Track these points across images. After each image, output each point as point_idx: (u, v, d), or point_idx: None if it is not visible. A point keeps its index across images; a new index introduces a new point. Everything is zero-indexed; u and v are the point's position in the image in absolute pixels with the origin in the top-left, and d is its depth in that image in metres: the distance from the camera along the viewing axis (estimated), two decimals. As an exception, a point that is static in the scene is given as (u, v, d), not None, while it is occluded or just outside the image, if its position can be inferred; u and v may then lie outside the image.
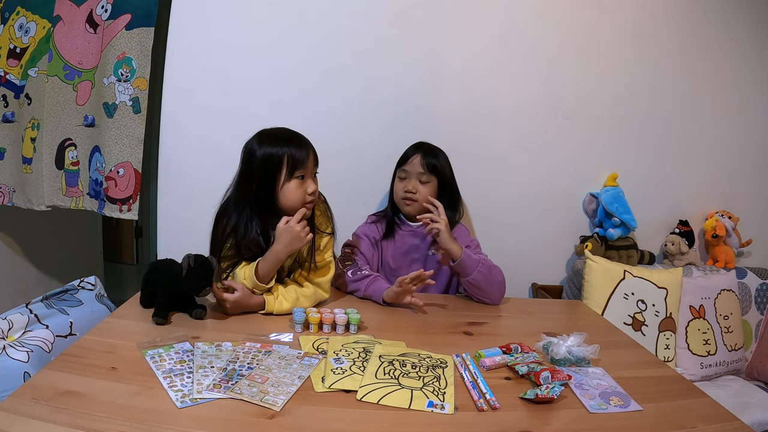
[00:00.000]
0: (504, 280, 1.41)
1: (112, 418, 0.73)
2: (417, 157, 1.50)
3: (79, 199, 1.83)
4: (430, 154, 1.51)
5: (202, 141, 1.79)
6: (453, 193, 1.56)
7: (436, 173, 1.50)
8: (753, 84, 2.02)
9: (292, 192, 1.21)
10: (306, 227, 1.20)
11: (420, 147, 1.53)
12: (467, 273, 1.36)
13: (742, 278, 1.94)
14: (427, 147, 1.54)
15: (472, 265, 1.36)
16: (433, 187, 1.50)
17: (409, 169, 1.50)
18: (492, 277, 1.38)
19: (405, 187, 1.49)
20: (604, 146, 1.96)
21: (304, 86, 1.81)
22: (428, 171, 1.48)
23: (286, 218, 1.19)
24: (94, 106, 1.75)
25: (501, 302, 1.42)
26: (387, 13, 1.80)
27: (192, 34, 1.76)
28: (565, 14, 1.87)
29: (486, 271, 1.37)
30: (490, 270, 1.38)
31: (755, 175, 2.08)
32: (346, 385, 0.88)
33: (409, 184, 1.49)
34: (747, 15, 1.98)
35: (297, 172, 1.20)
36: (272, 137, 1.22)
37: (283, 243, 1.18)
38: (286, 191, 1.20)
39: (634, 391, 0.92)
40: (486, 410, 0.84)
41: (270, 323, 1.15)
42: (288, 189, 1.20)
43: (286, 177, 1.20)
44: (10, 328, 1.12)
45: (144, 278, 1.18)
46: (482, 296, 1.39)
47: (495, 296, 1.39)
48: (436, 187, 1.51)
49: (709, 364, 1.74)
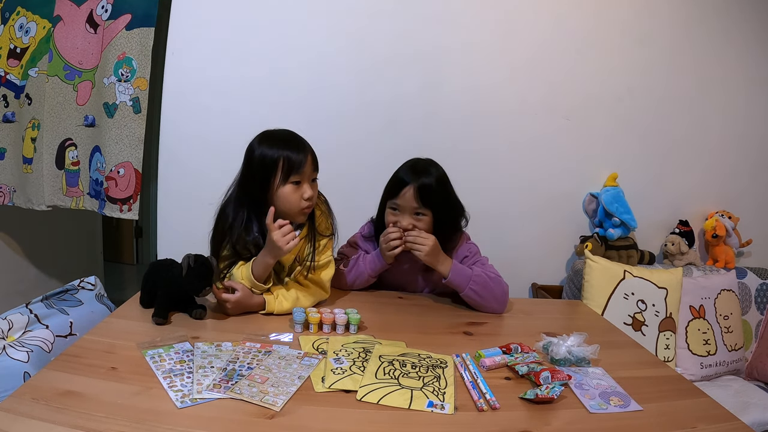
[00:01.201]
0: (505, 291, 1.33)
1: (112, 418, 0.73)
2: (410, 189, 1.31)
3: (80, 199, 1.83)
4: (424, 188, 1.31)
5: (202, 141, 1.79)
6: (454, 212, 1.42)
7: (432, 207, 1.34)
8: (753, 84, 2.02)
9: (287, 196, 1.18)
10: (288, 235, 1.14)
11: (414, 175, 1.32)
12: (459, 290, 1.32)
13: (742, 278, 1.94)
14: (422, 176, 1.32)
15: (463, 283, 1.30)
16: (429, 221, 1.35)
17: (402, 203, 1.33)
18: (487, 291, 1.31)
19: (400, 224, 1.34)
20: (604, 146, 1.97)
21: (304, 86, 1.81)
22: (423, 206, 1.32)
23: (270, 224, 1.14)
24: (95, 106, 1.75)
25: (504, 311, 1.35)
26: (387, 13, 1.80)
27: (192, 34, 1.76)
28: (565, 14, 1.87)
29: (478, 287, 1.30)
30: (484, 284, 1.31)
31: (755, 175, 2.08)
32: (346, 385, 0.88)
33: (404, 221, 1.33)
34: (747, 15, 1.98)
35: (292, 176, 1.17)
36: (271, 138, 1.21)
37: (268, 248, 1.17)
38: (281, 195, 1.18)
39: (634, 391, 0.92)
40: (486, 410, 0.84)
41: (270, 323, 1.15)
42: (283, 193, 1.18)
43: (281, 181, 1.17)
44: (10, 328, 1.12)
45: (144, 278, 1.18)
46: (479, 309, 1.34)
47: (493, 308, 1.33)
48: (431, 221, 1.35)
49: (709, 364, 1.74)
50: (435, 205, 1.34)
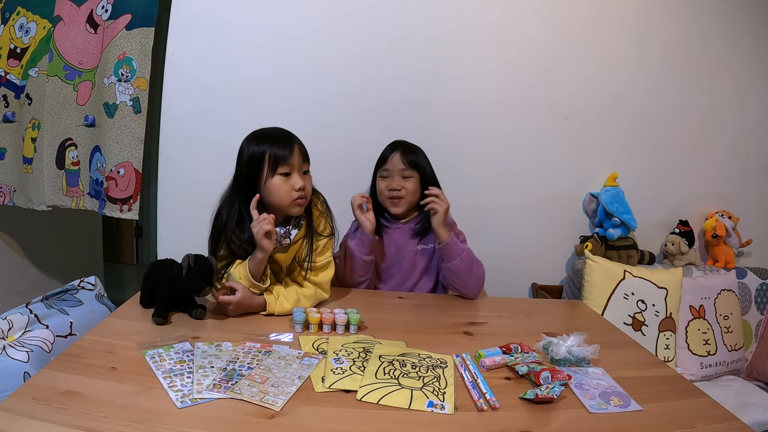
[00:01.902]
0: (483, 275, 1.44)
1: (112, 418, 0.73)
2: (396, 154, 1.50)
3: (80, 199, 1.83)
4: (408, 151, 1.51)
5: (202, 141, 1.79)
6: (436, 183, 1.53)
7: (417, 168, 1.50)
8: (753, 84, 2.02)
9: (277, 188, 1.20)
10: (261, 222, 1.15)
11: (398, 145, 1.53)
12: (451, 258, 1.40)
13: (742, 278, 1.94)
14: (405, 145, 1.54)
15: (457, 252, 1.40)
16: (416, 182, 1.50)
17: (390, 167, 1.50)
18: (472, 270, 1.41)
19: (389, 185, 1.49)
20: (604, 146, 1.96)
21: (304, 86, 1.81)
22: (409, 167, 1.48)
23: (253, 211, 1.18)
24: (95, 106, 1.75)
25: (477, 297, 1.45)
26: (387, 13, 1.80)
27: (192, 34, 1.76)
28: (565, 14, 1.87)
29: (468, 261, 1.40)
30: (472, 262, 1.41)
31: (755, 175, 2.08)
32: (346, 385, 0.88)
33: (393, 182, 1.49)
34: (747, 14, 1.98)
35: (280, 168, 1.19)
36: (258, 136, 1.23)
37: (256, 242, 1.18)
38: (271, 187, 1.20)
39: (634, 391, 0.92)
40: (486, 410, 0.84)
41: (270, 323, 1.15)
42: (272, 185, 1.20)
43: (268, 173, 1.19)
44: (10, 328, 1.12)
45: (144, 278, 1.18)
46: (460, 286, 1.43)
47: (472, 289, 1.43)
48: (418, 182, 1.51)
49: (709, 364, 1.74)
50: (420, 165, 1.50)
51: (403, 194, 1.48)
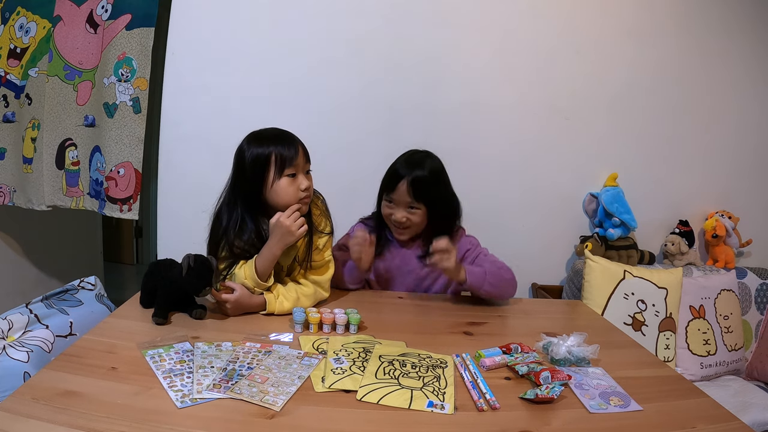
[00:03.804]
0: (513, 276, 1.38)
1: (112, 418, 0.73)
2: (404, 185, 1.34)
3: (80, 199, 1.83)
4: (418, 181, 1.33)
5: (202, 141, 1.79)
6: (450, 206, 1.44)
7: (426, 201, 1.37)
8: (752, 84, 2.02)
9: (284, 189, 1.19)
10: (298, 221, 1.18)
11: (408, 169, 1.35)
12: (477, 290, 1.34)
13: (742, 278, 1.94)
14: (416, 169, 1.35)
15: (480, 280, 1.33)
16: (423, 213, 1.38)
17: (396, 198, 1.37)
18: (501, 283, 1.35)
19: (394, 217, 1.39)
20: (604, 146, 1.97)
21: (304, 86, 1.81)
22: (416, 200, 1.35)
23: (279, 213, 1.18)
24: (95, 106, 1.75)
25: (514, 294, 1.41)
26: (387, 13, 1.80)
27: (192, 34, 1.76)
28: (564, 14, 1.87)
29: (494, 280, 1.34)
30: (497, 277, 1.34)
31: (755, 175, 2.08)
32: (346, 385, 0.88)
33: (398, 214, 1.38)
34: (746, 15, 1.98)
35: (287, 170, 1.19)
36: (260, 138, 1.22)
37: (276, 237, 1.18)
38: (278, 189, 1.19)
39: (634, 391, 0.92)
40: (486, 410, 0.84)
41: (270, 323, 1.15)
42: (279, 187, 1.19)
43: (275, 175, 1.19)
44: (10, 328, 1.12)
45: (144, 278, 1.18)
46: (496, 299, 1.39)
47: (509, 294, 1.39)
48: (426, 213, 1.39)
49: (709, 364, 1.74)
50: (428, 199, 1.37)
51: (407, 224, 1.39)
